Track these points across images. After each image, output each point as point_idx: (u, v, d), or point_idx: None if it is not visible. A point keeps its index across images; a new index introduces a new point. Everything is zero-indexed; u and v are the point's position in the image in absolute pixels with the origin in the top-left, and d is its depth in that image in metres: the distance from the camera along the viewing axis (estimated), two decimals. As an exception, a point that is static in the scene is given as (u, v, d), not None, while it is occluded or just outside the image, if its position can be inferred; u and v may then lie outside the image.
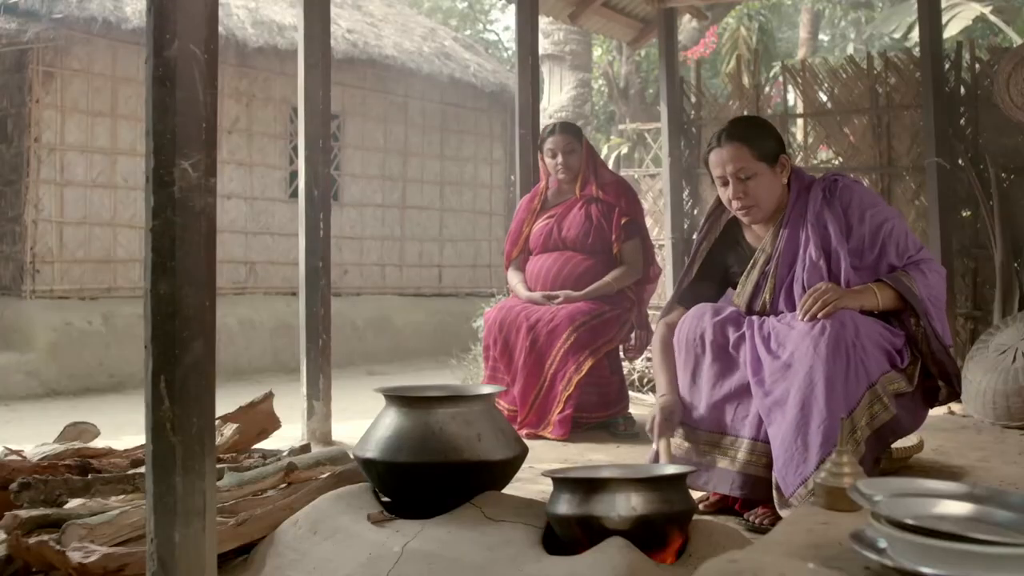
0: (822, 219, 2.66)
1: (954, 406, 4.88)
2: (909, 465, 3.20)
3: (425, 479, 2.16)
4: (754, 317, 2.67)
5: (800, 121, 6.47)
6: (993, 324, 5.05)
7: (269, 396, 3.24)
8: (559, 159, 4.21)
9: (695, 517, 2.03)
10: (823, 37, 18.84)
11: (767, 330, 2.58)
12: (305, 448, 3.11)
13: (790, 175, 2.73)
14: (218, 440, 2.92)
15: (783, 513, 2.42)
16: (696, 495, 2.44)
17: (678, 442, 2.69)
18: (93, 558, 1.97)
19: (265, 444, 3.29)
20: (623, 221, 4.13)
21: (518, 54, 5.26)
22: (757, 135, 2.70)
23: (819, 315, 2.44)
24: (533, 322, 3.96)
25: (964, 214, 5.55)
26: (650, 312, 4.49)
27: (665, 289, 6.54)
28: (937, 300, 2.59)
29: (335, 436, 4.06)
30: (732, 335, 2.62)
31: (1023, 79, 5.17)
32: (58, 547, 2.01)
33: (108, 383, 7.91)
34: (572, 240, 4.15)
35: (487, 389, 2.45)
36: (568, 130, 4.29)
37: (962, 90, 5.52)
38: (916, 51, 5.86)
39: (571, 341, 3.89)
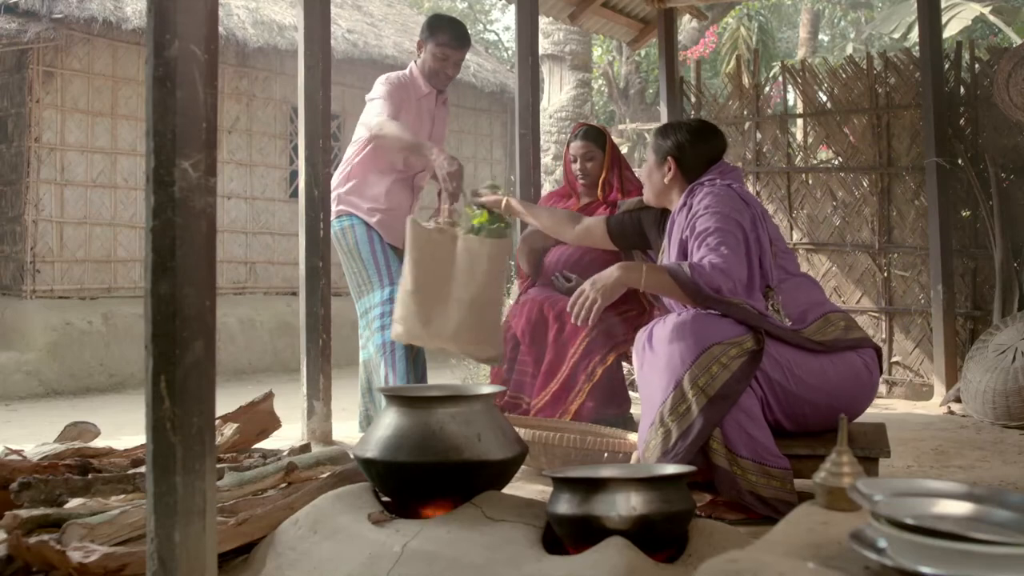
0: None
1: (954, 406, 4.87)
2: (909, 465, 3.20)
3: (425, 479, 2.16)
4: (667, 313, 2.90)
5: (800, 121, 6.47)
6: (993, 324, 5.05)
7: (269, 396, 3.24)
8: (578, 164, 4.18)
9: (695, 517, 2.03)
10: (823, 37, 18.85)
11: (657, 324, 2.77)
12: (305, 448, 3.11)
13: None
14: (218, 440, 2.93)
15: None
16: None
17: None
18: (93, 558, 1.97)
19: (265, 444, 3.30)
20: None
21: (518, 54, 5.26)
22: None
23: (580, 321, 2.70)
24: (559, 311, 3.96)
25: (964, 214, 5.55)
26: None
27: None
28: (711, 283, 2.64)
29: (335, 436, 4.06)
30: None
31: (1022, 79, 5.17)
32: (58, 547, 2.01)
33: (108, 383, 7.92)
34: None
35: (487, 389, 2.45)
36: (589, 136, 4.21)
37: (962, 90, 5.52)
38: (916, 51, 5.86)
39: (595, 333, 3.89)
